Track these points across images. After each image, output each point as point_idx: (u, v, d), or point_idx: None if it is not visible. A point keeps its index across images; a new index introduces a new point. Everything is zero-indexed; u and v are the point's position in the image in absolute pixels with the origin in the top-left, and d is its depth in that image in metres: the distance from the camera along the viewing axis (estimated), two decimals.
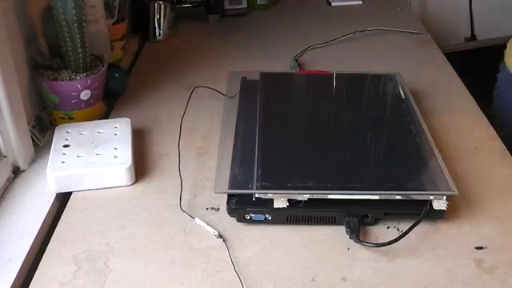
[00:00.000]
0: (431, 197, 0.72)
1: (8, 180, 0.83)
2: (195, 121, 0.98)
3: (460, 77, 1.13)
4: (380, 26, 1.32)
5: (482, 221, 0.75)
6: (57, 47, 0.93)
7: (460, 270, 0.68)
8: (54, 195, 0.80)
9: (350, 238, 0.71)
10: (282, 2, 1.58)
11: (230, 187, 0.75)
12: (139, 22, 1.34)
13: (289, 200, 0.72)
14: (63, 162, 0.81)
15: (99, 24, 1.06)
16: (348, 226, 0.72)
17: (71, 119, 0.94)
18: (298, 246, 0.71)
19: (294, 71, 1.10)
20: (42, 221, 0.75)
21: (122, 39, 1.18)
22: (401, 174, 0.80)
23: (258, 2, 1.53)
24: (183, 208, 0.77)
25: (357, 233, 0.71)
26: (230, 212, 0.74)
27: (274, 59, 1.23)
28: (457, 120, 0.99)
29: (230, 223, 0.74)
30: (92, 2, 1.02)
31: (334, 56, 1.11)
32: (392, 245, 0.70)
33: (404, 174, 0.80)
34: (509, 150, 0.90)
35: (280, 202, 0.72)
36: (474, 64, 1.13)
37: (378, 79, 1.06)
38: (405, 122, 0.90)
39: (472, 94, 1.07)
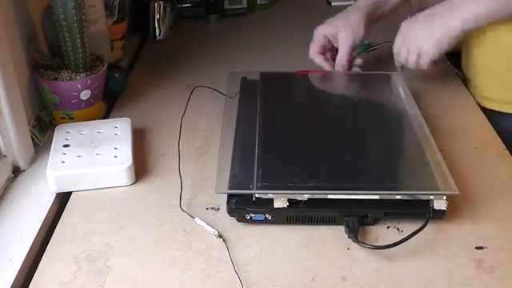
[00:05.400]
0: (431, 196, 0.72)
1: (8, 180, 0.83)
2: (195, 121, 0.98)
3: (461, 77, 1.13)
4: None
5: (482, 221, 0.75)
6: (57, 47, 0.93)
7: (460, 270, 0.67)
8: (54, 195, 0.80)
9: (349, 238, 0.71)
10: (282, 1, 1.58)
11: (231, 187, 0.74)
12: (139, 22, 1.34)
13: (289, 200, 0.72)
14: (63, 162, 0.81)
15: (99, 24, 1.06)
16: (347, 226, 0.72)
17: (71, 119, 0.94)
18: (298, 245, 0.71)
19: (294, 71, 1.10)
20: (41, 221, 0.75)
21: (121, 39, 1.18)
22: (401, 173, 0.80)
23: (258, 2, 1.52)
24: (183, 208, 0.77)
25: (355, 233, 0.71)
26: (230, 212, 0.74)
27: (274, 59, 1.23)
28: (457, 120, 0.98)
29: (229, 223, 0.74)
30: (92, 1, 1.02)
31: None
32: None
33: (404, 173, 0.80)
34: (508, 150, 0.90)
35: (280, 202, 0.72)
36: None
37: (378, 79, 1.05)
38: (405, 122, 0.90)
39: None
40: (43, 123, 0.94)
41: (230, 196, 0.74)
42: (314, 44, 1.08)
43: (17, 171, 0.85)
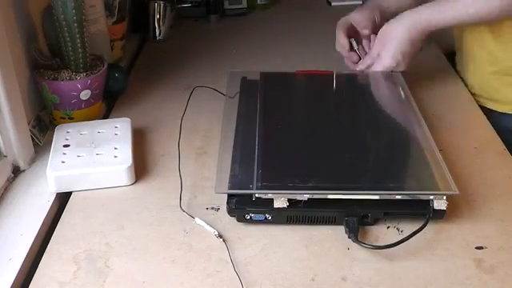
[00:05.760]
0: (431, 196, 0.72)
1: (8, 180, 0.83)
2: (195, 121, 0.98)
3: (460, 77, 1.13)
4: None
5: (482, 221, 0.75)
6: (57, 47, 0.93)
7: (460, 270, 0.67)
8: (54, 195, 0.80)
9: (349, 238, 0.71)
10: (282, 1, 1.58)
11: (231, 187, 0.74)
12: (139, 22, 1.34)
13: (289, 200, 0.72)
14: (63, 162, 0.81)
15: (99, 24, 1.06)
16: (347, 226, 0.72)
17: (71, 119, 0.94)
18: (298, 245, 0.71)
19: (294, 71, 1.10)
20: (41, 221, 0.75)
21: (121, 39, 1.18)
22: (401, 173, 0.80)
23: (258, 2, 1.53)
24: (183, 208, 0.77)
25: (355, 233, 0.71)
26: (230, 212, 0.74)
27: (274, 59, 1.23)
28: (457, 120, 0.99)
29: (229, 223, 0.74)
30: (92, 1, 1.02)
31: (334, 56, 1.11)
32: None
33: (404, 173, 0.80)
34: (508, 150, 0.90)
35: (280, 202, 0.72)
36: None
37: (378, 79, 1.05)
38: (405, 122, 0.90)
39: None
40: (43, 123, 0.94)
41: (229, 196, 0.74)
42: (339, 29, 1.10)
43: (17, 171, 0.85)
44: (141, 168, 0.85)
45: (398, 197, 0.73)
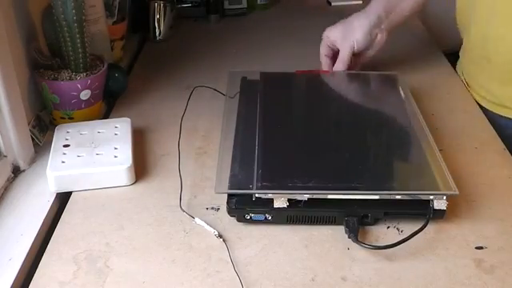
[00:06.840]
0: (431, 196, 0.72)
1: (8, 180, 0.83)
2: (195, 121, 0.98)
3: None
4: None
5: (482, 221, 0.75)
6: (57, 47, 0.93)
7: (460, 270, 0.67)
8: (54, 195, 0.80)
9: (349, 238, 0.71)
10: (282, 1, 1.58)
11: (230, 187, 0.74)
12: (139, 22, 1.34)
13: (289, 200, 0.72)
14: (63, 162, 0.81)
15: (99, 24, 1.06)
16: (347, 226, 0.72)
17: (71, 119, 0.94)
18: (298, 245, 0.71)
19: (294, 71, 1.10)
20: (41, 221, 0.75)
21: (121, 39, 1.18)
22: (401, 173, 0.80)
23: (258, 2, 1.53)
24: (183, 208, 0.77)
25: (355, 233, 0.71)
26: (230, 212, 0.74)
27: (274, 59, 1.23)
28: (457, 120, 0.98)
29: (229, 223, 0.74)
30: (92, 1, 1.02)
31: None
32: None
33: (404, 173, 0.80)
34: (508, 150, 0.90)
35: (280, 202, 0.72)
36: None
37: (378, 79, 1.05)
38: (405, 122, 0.90)
39: None
40: (43, 123, 0.94)
41: (229, 196, 0.74)
42: (322, 46, 1.09)
43: (17, 171, 0.85)
44: (141, 168, 0.85)
45: (398, 197, 0.73)
